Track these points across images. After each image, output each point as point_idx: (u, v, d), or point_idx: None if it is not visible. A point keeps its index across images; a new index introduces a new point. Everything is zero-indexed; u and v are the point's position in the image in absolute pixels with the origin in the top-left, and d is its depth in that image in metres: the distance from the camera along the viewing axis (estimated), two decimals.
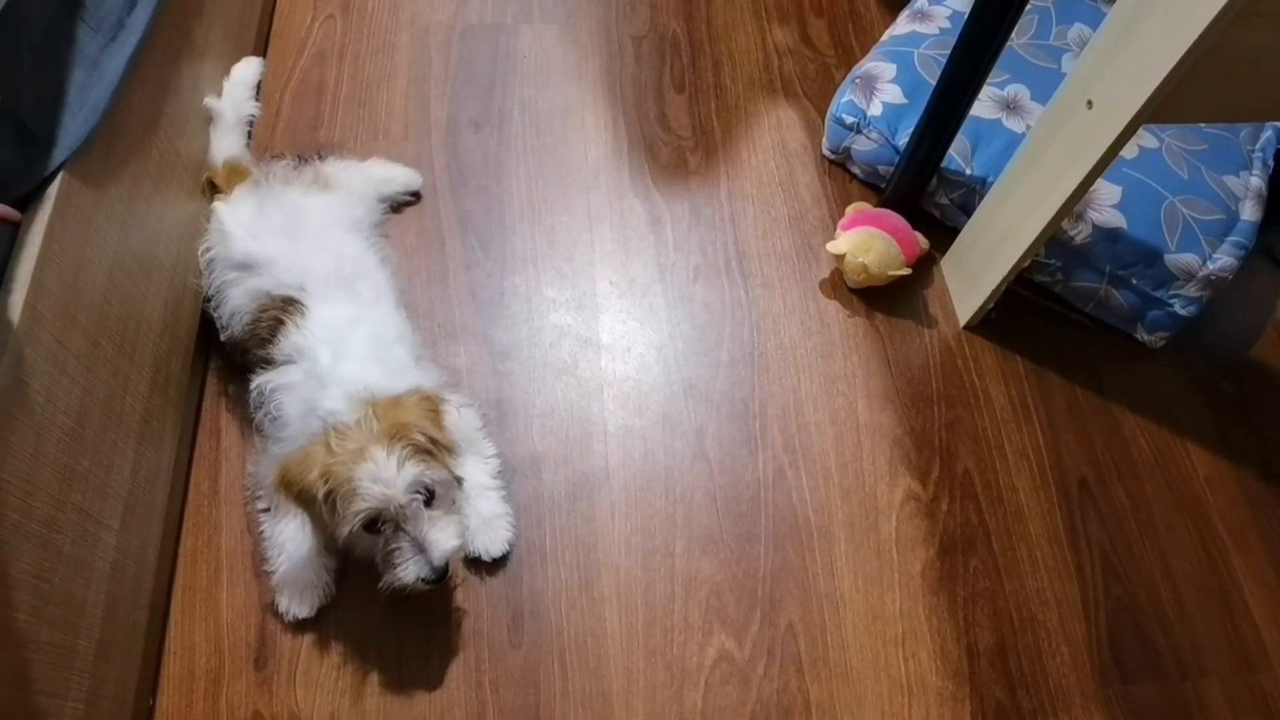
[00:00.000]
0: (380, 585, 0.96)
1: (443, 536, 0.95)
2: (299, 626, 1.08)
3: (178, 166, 1.16)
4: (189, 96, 1.21)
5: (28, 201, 0.85)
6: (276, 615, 1.08)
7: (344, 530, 0.92)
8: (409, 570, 0.94)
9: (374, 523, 0.93)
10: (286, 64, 1.54)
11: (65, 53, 0.92)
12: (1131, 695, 1.14)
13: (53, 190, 0.86)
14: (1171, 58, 0.92)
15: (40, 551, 0.82)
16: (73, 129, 0.90)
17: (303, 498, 0.94)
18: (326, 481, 0.91)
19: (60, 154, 0.88)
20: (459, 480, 1.02)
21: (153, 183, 1.09)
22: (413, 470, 0.92)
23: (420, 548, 0.94)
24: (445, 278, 1.35)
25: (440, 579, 0.95)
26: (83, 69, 0.93)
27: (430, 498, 0.96)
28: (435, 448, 0.97)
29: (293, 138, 1.46)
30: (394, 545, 0.94)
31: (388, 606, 1.09)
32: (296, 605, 1.07)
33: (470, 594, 1.12)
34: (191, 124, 1.22)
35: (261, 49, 1.54)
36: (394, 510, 0.92)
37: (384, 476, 0.91)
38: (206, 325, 1.21)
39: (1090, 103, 1.05)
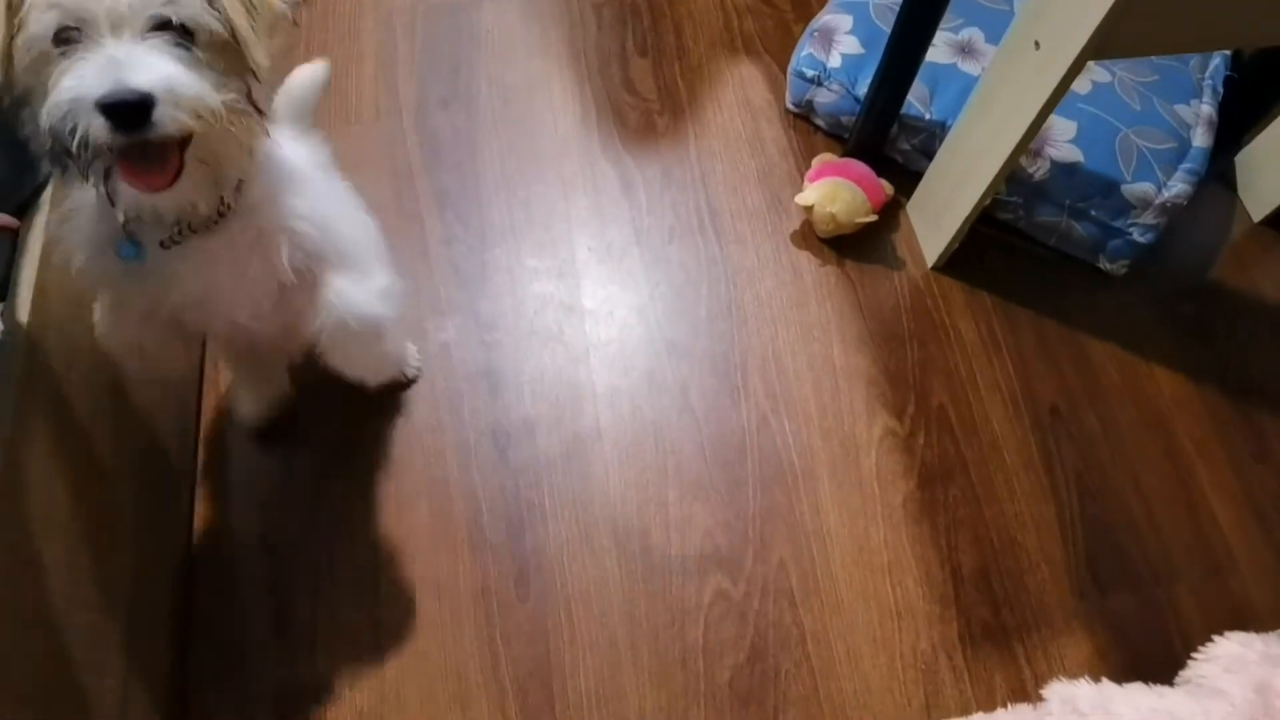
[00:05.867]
0: (44, 125, 0.64)
1: (157, 61, 0.63)
2: (312, 597, 1.13)
3: None
4: None
5: (24, 209, 0.89)
6: (291, 583, 1.13)
7: (26, 40, 0.63)
8: (81, 82, 0.61)
9: (69, 35, 0.63)
10: None
11: None
12: (1109, 606, 1.20)
13: (46, 197, 0.90)
14: None
15: (67, 539, 0.86)
16: None
17: None
18: None
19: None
20: (257, 90, 0.72)
21: None
22: None
23: (114, 65, 0.61)
24: (427, 254, 1.39)
25: (129, 120, 0.62)
26: None
27: (182, 37, 0.65)
28: (225, 7, 0.67)
29: None
30: (79, 58, 0.62)
31: (396, 570, 1.15)
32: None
33: (476, 555, 1.17)
34: None
35: None
36: (103, 20, 0.62)
37: None
38: None
39: (1037, 44, 1.09)
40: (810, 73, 1.48)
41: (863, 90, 1.42)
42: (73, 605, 0.87)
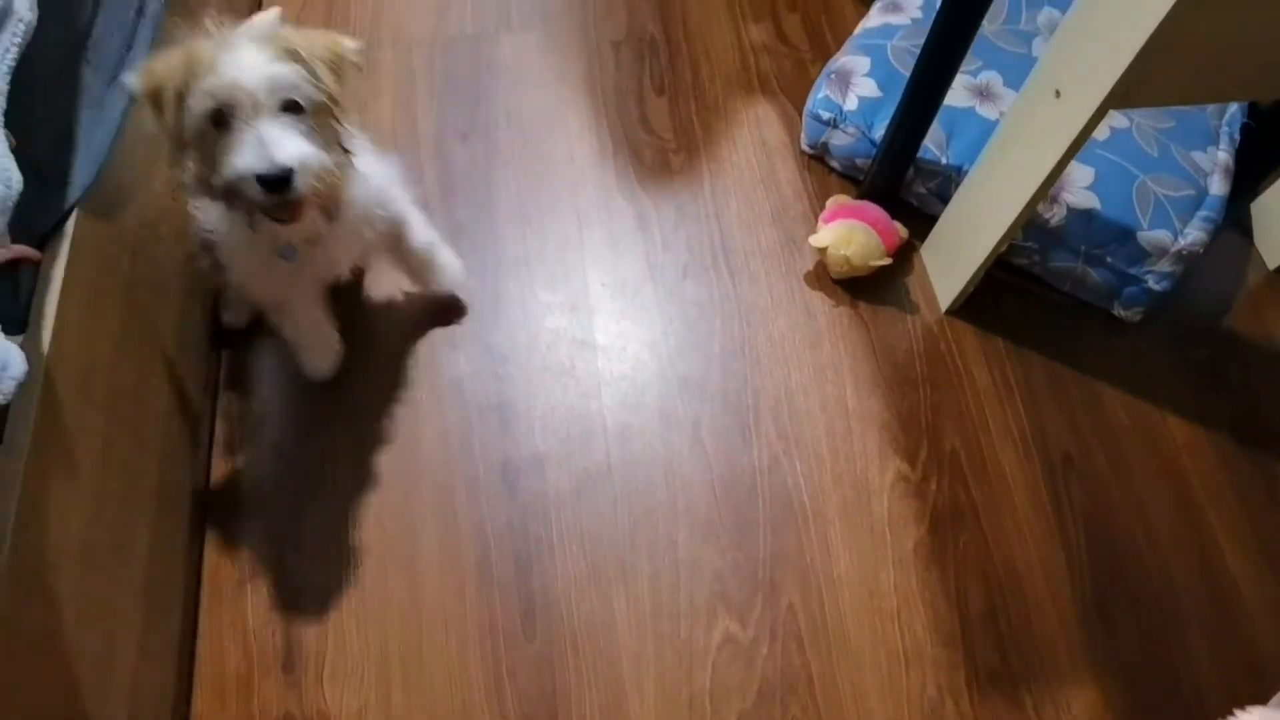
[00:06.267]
0: (215, 184, 0.90)
1: (291, 140, 0.87)
2: (321, 629, 1.13)
3: (180, 193, 1.20)
4: None
5: (46, 241, 0.89)
6: (300, 615, 1.13)
7: (190, 120, 0.86)
8: (242, 160, 0.86)
9: (223, 116, 0.86)
10: None
11: (72, 95, 0.96)
12: (1117, 651, 1.20)
13: (68, 228, 0.91)
14: (1133, 47, 0.96)
15: (80, 569, 0.86)
16: (83, 169, 0.93)
17: (155, 92, 0.86)
18: (186, 67, 0.85)
19: (73, 193, 0.92)
20: (344, 134, 0.96)
21: (157, 212, 1.13)
22: (282, 68, 0.86)
23: (262, 145, 0.85)
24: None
25: (277, 186, 0.87)
26: (88, 109, 0.97)
27: (298, 112, 0.89)
28: (322, 80, 0.90)
29: None
30: (236, 137, 0.86)
31: (404, 603, 1.15)
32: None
33: (483, 589, 1.17)
34: None
35: None
36: (247, 103, 0.85)
37: (246, 63, 0.85)
38: (215, 347, 1.25)
39: (1058, 92, 1.10)
40: (826, 115, 1.48)
41: (879, 133, 1.43)
42: (82, 633, 0.86)
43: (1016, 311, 1.44)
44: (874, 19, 1.58)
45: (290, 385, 1.29)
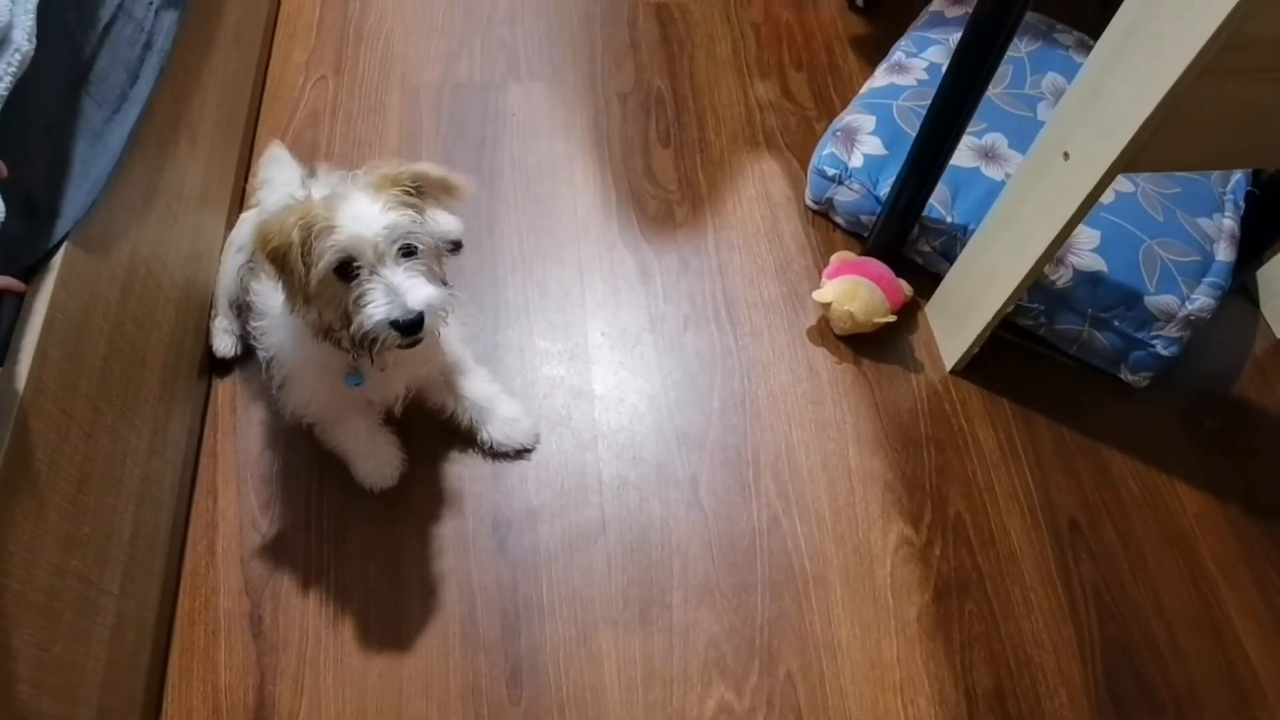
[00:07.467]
0: (350, 333, 0.94)
1: (419, 285, 0.93)
2: (296, 687, 1.07)
3: (175, 231, 1.18)
4: (185, 162, 1.24)
5: (32, 272, 0.87)
6: (274, 671, 1.07)
7: (315, 275, 0.90)
8: (379, 310, 0.91)
9: (347, 267, 0.91)
10: (279, 125, 1.57)
11: (71, 126, 0.95)
12: None
13: (56, 260, 0.88)
14: (1142, 112, 0.96)
15: (42, 621, 0.82)
16: (76, 200, 0.92)
17: (278, 252, 0.91)
18: (304, 226, 0.90)
19: (64, 225, 0.90)
20: (441, 249, 1.02)
21: (151, 248, 1.11)
22: (394, 215, 0.92)
23: (394, 293, 0.91)
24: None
25: (412, 330, 0.93)
26: (87, 141, 0.95)
27: (412, 252, 0.95)
28: (419, 199, 0.97)
29: None
30: (366, 288, 0.92)
31: (384, 663, 1.10)
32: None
33: (468, 651, 1.12)
34: (187, 190, 1.24)
35: (255, 111, 1.57)
36: (370, 253, 0.91)
37: (363, 216, 0.90)
38: (205, 380, 1.22)
39: (1067, 155, 1.09)
40: (831, 171, 1.48)
41: (884, 191, 1.42)
42: (40, 691, 0.82)
43: (1023, 373, 1.42)
44: (880, 79, 1.59)
45: (277, 427, 1.26)
